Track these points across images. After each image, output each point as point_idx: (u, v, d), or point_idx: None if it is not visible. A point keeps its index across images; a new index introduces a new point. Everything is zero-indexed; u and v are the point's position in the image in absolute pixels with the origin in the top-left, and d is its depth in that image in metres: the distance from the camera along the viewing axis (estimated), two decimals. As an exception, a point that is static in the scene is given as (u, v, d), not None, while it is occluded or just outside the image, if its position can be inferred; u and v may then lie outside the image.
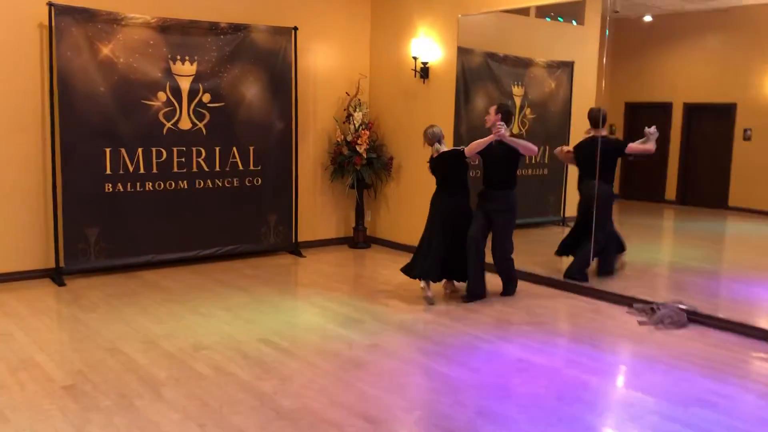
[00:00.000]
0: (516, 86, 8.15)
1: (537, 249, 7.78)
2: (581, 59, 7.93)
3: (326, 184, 8.05)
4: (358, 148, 7.77)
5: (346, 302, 5.70)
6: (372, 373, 4.14)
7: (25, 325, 4.90)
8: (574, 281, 6.22)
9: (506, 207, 5.81)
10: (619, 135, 7.94)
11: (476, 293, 5.79)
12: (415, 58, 7.52)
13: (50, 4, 5.91)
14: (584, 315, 5.49)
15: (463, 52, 7.52)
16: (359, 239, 8.12)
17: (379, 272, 6.90)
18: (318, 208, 8.02)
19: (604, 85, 6.37)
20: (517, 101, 8.15)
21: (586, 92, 7.45)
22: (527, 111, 8.18)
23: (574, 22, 8.23)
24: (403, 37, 7.70)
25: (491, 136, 5.62)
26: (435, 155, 5.84)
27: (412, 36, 7.57)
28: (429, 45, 7.41)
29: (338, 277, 6.69)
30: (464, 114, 7.77)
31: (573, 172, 7.39)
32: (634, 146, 6.08)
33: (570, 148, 6.67)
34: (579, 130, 6.74)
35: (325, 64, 7.87)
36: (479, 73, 7.93)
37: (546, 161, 8.35)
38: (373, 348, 4.60)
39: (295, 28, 7.31)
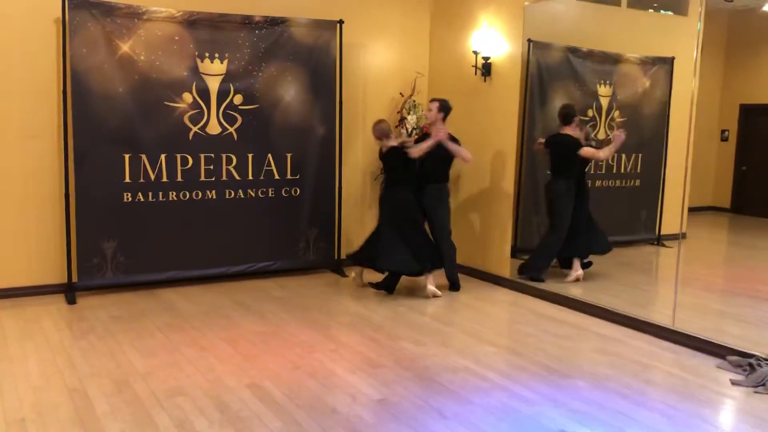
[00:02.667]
0: (602, 85, 7.09)
1: (621, 274, 6.69)
2: (683, 55, 6.75)
3: (376, 196, 7.22)
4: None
5: (374, 338, 4.86)
6: (365, 444, 3.28)
7: (1, 352, 4.38)
8: (523, 280, 6.23)
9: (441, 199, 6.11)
10: (732, 141, 6.77)
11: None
12: (475, 53, 6.57)
13: (64, -2, 5.44)
14: (660, 365, 4.38)
15: (538, 46, 6.56)
16: (413, 258, 7.24)
17: (429, 299, 6.00)
18: (366, 223, 7.21)
19: (695, 83, 5.22)
20: (604, 102, 7.10)
21: (688, 92, 6.34)
22: (616, 113, 7.09)
23: (669, 12, 7.09)
24: (464, 30, 6.78)
25: (432, 140, 5.82)
26: (384, 150, 5.97)
27: (474, 28, 6.62)
28: (491, 38, 6.45)
29: (376, 303, 5.85)
30: (540, 116, 6.80)
31: (671, 184, 6.28)
32: (587, 150, 6.12)
33: (542, 140, 6.41)
34: (679, 135, 5.63)
35: (377, 62, 7.07)
36: (558, 71, 6.94)
37: (638, 171, 7.24)
38: (380, 405, 3.73)
39: (341, 22, 6.55)
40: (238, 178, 6.33)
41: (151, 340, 4.71)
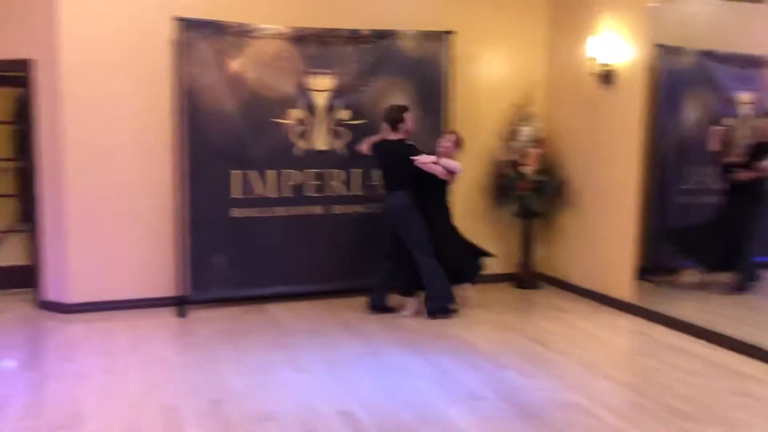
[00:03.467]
0: (744, 92, 6.42)
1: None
2: None
3: (487, 211, 6.92)
4: (523, 170, 6.54)
5: (478, 365, 4.56)
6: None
7: (106, 367, 4.49)
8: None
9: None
10: None
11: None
12: (594, 60, 6.12)
13: (178, 19, 5.58)
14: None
15: (666, 51, 6.03)
16: (525, 277, 6.85)
17: (539, 324, 5.62)
18: (477, 239, 6.87)
19: None
20: (746, 110, 6.43)
21: None
22: (760, 122, 6.40)
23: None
24: (581, 36, 6.34)
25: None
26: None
27: (592, 33, 6.18)
28: (612, 43, 5.97)
29: (486, 325, 5.53)
30: (671, 126, 6.26)
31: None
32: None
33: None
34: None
35: (489, 72, 6.77)
36: (690, 77, 6.38)
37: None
38: (477, 443, 3.44)
39: (450, 33, 6.32)
40: (345, 193, 6.23)
41: (250, 358, 4.67)
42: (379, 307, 5.80)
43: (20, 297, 6.10)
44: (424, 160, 5.57)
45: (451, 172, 5.67)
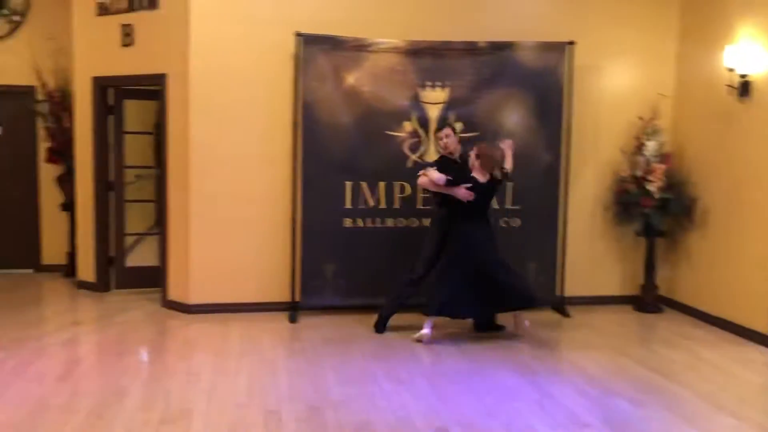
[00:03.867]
0: None
1: None
2: None
3: (609, 229, 6.60)
4: (648, 187, 6.19)
5: (586, 391, 4.34)
6: None
7: (216, 367, 4.69)
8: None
9: None
10: None
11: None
12: (730, 70, 5.69)
13: (298, 35, 5.78)
14: None
15: None
16: (648, 300, 6.46)
17: (658, 351, 5.29)
18: (596, 258, 6.61)
19: None
20: None
21: None
22: None
23: None
24: (716, 45, 5.92)
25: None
26: (485, 181, 5.29)
27: (728, 42, 5.75)
28: (751, 52, 5.53)
29: (599, 350, 5.26)
30: None
31: None
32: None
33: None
34: None
35: (613, 84, 6.49)
36: None
37: None
38: (577, 473, 3.27)
39: (571, 43, 6.12)
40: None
41: (353, 367, 4.72)
42: (486, 325, 5.66)
43: (149, 296, 6.51)
44: (420, 174, 5.43)
45: (437, 185, 5.26)
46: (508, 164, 5.45)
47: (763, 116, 5.48)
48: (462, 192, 5.21)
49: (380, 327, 5.60)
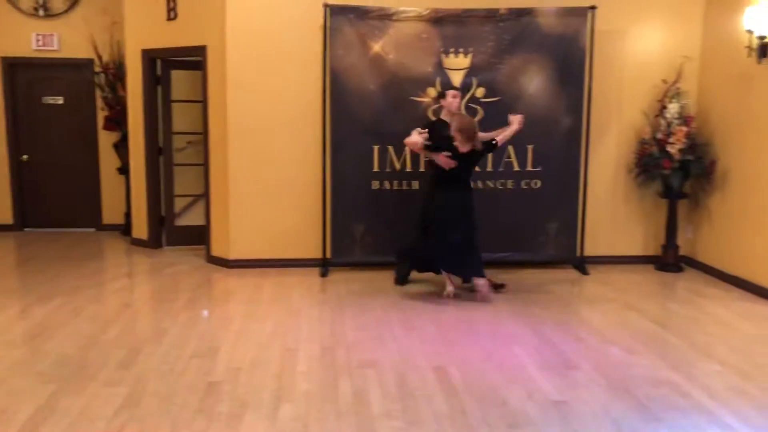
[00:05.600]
0: None
1: None
2: None
3: (631, 191, 6.77)
4: (669, 148, 6.31)
5: (584, 339, 4.65)
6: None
7: (247, 313, 5.19)
8: None
9: None
10: None
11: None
12: (749, 32, 5.73)
13: (326, 6, 6.12)
14: None
15: None
16: (669, 260, 6.62)
17: (667, 306, 5.49)
18: (620, 219, 6.79)
19: None
20: None
21: None
22: None
23: None
24: (739, 6, 5.95)
25: (516, 126, 5.57)
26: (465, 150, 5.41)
27: (749, 3, 5.78)
28: (769, 13, 5.56)
29: (610, 303, 5.53)
30: None
31: None
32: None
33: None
34: None
35: (636, 47, 6.59)
36: None
37: None
38: (555, 406, 3.59)
39: (593, 8, 6.25)
40: (477, 169, 6.38)
41: (370, 315, 5.13)
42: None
43: (196, 253, 7.08)
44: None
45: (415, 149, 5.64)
46: (502, 137, 5.56)
47: (781, 78, 5.53)
48: (442, 159, 5.40)
49: (400, 281, 5.98)
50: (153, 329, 4.85)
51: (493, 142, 5.54)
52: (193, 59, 6.92)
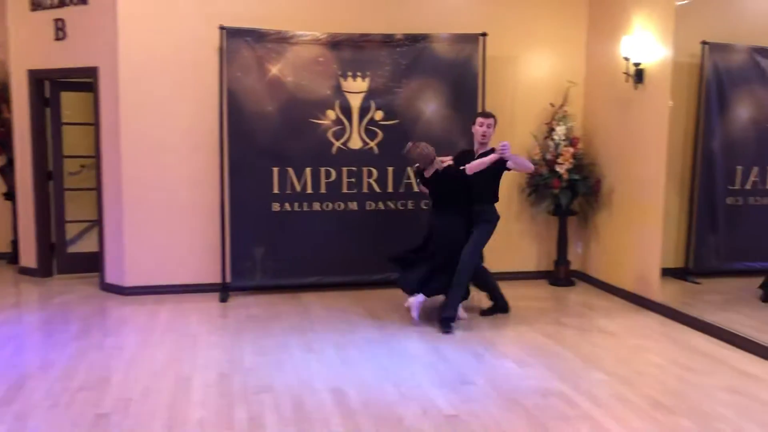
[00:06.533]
0: None
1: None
2: None
3: (524, 210, 7.04)
4: (557, 169, 6.63)
5: (479, 354, 4.78)
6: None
7: (141, 342, 5.03)
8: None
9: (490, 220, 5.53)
10: None
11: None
12: (626, 59, 6.14)
13: (222, 28, 6.09)
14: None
15: (716, 49, 6.05)
16: (560, 275, 6.92)
17: (559, 320, 5.72)
18: (513, 237, 7.04)
19: None
20: None
21: None
22: None
23: None
24: (616, 35, 6.36)
25: (494, 155, 5.19)
26: (428, 175, 5.51)
27: (625, 33, 6.19)
28: (644, 42, 5.97)
29: (504, 319, 5.70)
30: (718, 126, 6.25)
31: None
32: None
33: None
34: None
35: (526, 73, 6.91)
36: (742, 74, 6.31)
37: None
38: (448, 420, 3.67)
39: (484, 35, 6.51)
40: (378, 190, 6.55)
41: (270, 340, 5.08)
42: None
43: (90, 280, 6.80)
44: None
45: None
46: (471, 165, 5.32)
47: (654, 102, 5.94)
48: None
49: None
50: (39, 361, 4.61)
51: (461, 168, 5.36)
52: (85, 80, 6.71)
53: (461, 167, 5.39)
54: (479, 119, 5.51)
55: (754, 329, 4.99)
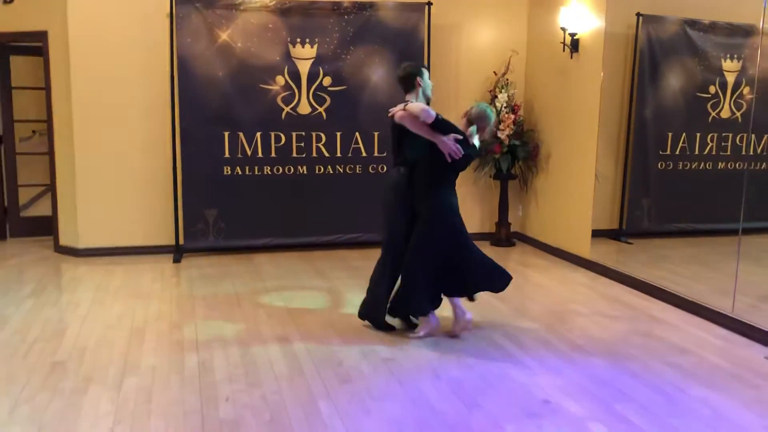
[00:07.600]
0: (728, 60, 6.62)
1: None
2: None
3: (467, 174, 7.34)
4: (499, 134, 6.95)
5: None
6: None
7: (96, 298, 5.22)
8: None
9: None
10: None
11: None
12: (563, 30, 6.44)
13: (171, -6, 6.20)
14: (702, 352, 4.16)
15: (649, 20, 6.36)
16: (502, 236, 7.29)
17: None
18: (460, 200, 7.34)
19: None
20: (730, 78, 6.63)
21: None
22: (744, 90, 6.60)
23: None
24: (555, 6, 6.66)
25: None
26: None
27: (563, 4, 6.49)
28: (579, 13, 6.29)
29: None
30: (650, 94, 6.59)
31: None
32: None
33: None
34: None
35: (470, 41, 7.17)
36: (673, 46, 6.64)
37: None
38: (385, 362, 3.99)
39: (429, 4, 6.74)
40: (327, 154, 6.78)
41: (222, 296, 5.32)
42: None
43: (44, 243, 6.92)
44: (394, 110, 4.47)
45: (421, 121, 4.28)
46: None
47: (588, 70, 6.27)
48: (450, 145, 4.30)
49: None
50: (-6, 318, 4.78)
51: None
52: (34, 45, 6.74)
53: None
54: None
55: (673, 282, 5.43)
